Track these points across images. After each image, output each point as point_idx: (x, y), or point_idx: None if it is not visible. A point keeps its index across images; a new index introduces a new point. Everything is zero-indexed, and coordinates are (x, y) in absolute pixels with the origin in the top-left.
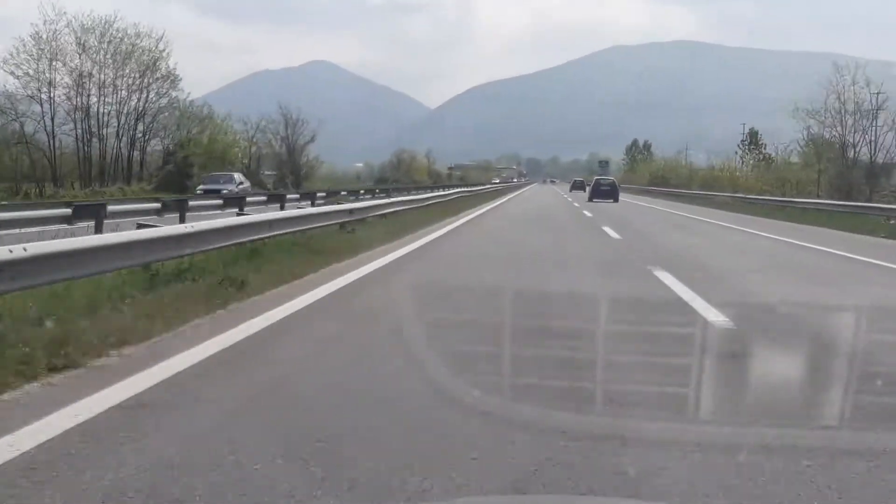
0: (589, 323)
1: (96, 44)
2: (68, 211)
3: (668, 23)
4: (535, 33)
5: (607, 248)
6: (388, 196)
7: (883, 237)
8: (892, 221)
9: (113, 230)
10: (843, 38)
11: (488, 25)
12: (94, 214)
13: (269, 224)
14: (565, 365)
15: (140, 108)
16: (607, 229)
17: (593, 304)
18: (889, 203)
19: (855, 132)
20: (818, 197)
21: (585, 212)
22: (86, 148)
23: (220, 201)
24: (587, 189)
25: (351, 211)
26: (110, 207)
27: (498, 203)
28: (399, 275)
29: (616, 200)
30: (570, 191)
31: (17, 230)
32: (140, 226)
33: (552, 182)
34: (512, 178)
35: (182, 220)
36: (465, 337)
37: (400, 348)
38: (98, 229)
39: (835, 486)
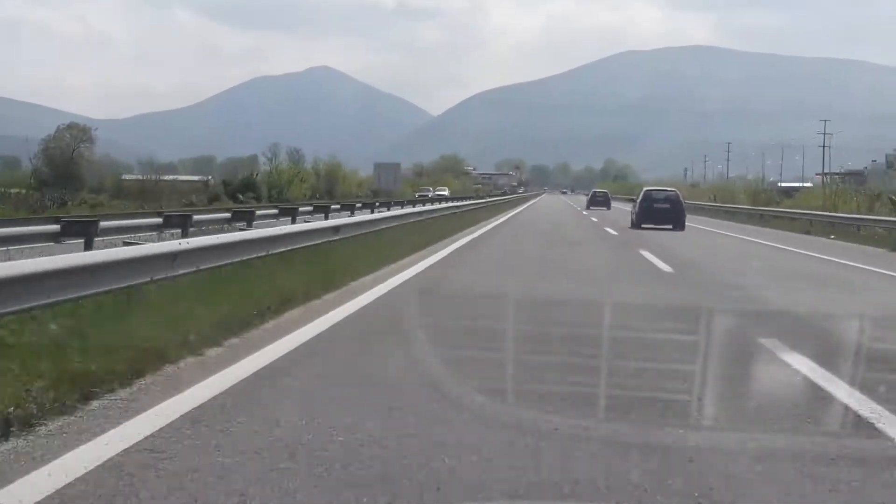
0: None
1: None
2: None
3: (683, 28)
4: (546, 38)
5: None
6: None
7: None
8: None
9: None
10: (859, 45)
11: (499, 30)
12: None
13: None
14: None
15: None
16: None
17: None
18: None
19: None
20: None
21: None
22: None
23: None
24: (611, 204)
25: None
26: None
27: None
28: None
29: (681, 227)
30: (588, 207)
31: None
32: None
33: (563, 192)
34: (482, 192)
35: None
36: None
37: None
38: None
39: None
